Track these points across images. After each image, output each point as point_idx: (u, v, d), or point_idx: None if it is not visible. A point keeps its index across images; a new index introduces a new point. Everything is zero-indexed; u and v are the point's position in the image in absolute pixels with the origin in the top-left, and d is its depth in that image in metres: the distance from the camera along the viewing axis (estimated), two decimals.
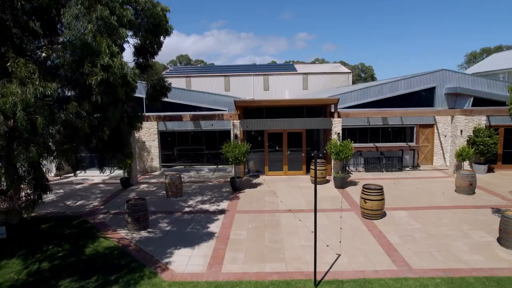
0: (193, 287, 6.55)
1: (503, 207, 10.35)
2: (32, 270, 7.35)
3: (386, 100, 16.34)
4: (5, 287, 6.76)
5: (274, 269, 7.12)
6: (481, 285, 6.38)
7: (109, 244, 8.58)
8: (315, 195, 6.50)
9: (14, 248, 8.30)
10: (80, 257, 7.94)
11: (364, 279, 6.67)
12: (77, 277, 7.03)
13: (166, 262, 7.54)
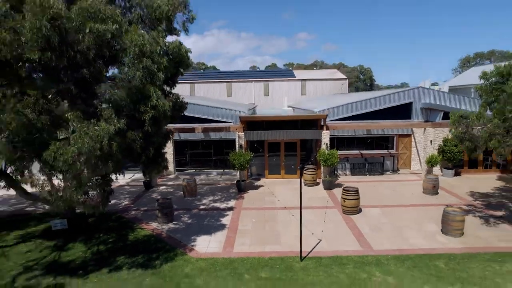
0: (213, 261, 9.15)
1: (455, 205, 12.95)
2: (93, 251, 9.96)
3: (370, 114, 18.91)
4: (78, 261, 9.37)
5: (272, 250, 9.72)
6: (417, 259, 8.99)
7: (146, 233, 11.19)
8: (300, 195, 9.10)
9: (75, 236, 10.90)
10: (126, 243, 10.55)
11: (336, 256, 9.27)
12: (127, 255, 9.64)
13: (192, 245, 10.15)
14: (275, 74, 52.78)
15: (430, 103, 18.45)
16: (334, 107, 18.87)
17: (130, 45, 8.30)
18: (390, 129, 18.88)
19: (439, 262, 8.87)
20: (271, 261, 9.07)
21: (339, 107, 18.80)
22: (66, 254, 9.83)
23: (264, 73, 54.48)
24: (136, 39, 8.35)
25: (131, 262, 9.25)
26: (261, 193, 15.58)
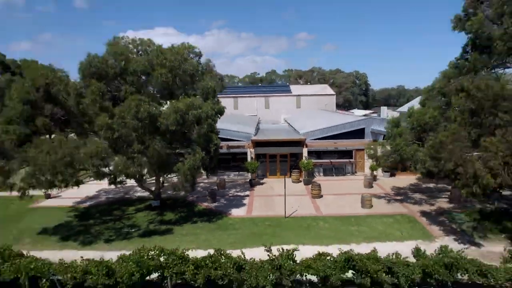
0: (241, 219, 18.58)
1: (375, 193, 22.30)
2: (178, 216, 19.39)
3: (337, 135, 28.27)
4: (173, 220, 18.78)
5: (270, 214, 19.13)
6: (343, 218, 18.43)
7: (203, 208, 20.64)
8: (284, 187, 18.57)
9: (164, 209, 20.33)
10: (194, 212, 20.00)
11: (302, 216, 18.71)
12: (197, 217, 19.06)
13: (229, 212, 19.58)
14: (274, 90, 61.98)
15: (376, 128, 27.84)
16: (312, 130, 28.23)
17: (203, 112, 17.73)
18: (350, 146, 28.26)
19: (353, 218, 18.29)
20: (270, 218, 18.48)
21: (315, 131, 28.15)
22: (165, 217, 19.26)
23: (265, 89, 63.88)
24: (207, 109, 17.79)
25: (200, 219, 18.68)
26: (264, 187, 25.00)
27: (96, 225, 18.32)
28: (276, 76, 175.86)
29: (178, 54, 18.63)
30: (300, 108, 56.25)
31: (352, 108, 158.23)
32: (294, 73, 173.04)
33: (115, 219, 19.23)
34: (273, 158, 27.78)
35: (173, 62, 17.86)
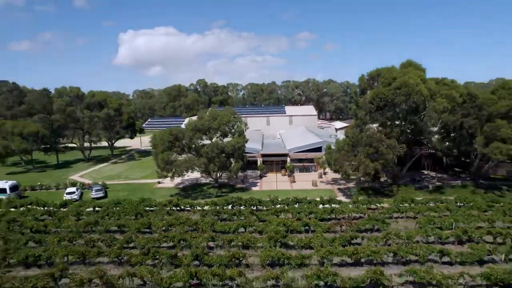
0: (256, 190, 41.54)
1: (321, 180, 45.15)
2: (228, 190, 42.32)
3: (307, 150, 51.03)
4: (226, 191, 41.71)
5: (270, 188, 42.06)
6: (300, 191, 41.43)
7: (238, 186, 43.62)
8: (276, 178, 41.62)
9: (220, 188, 43.25)
10: (234, 188, 42.97)
11: (284, 190, 41.69)
12: (236, 191, 41.98)
13: (251, 188, 42.56)
14: (273, 111, 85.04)
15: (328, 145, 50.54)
16: (293, 147, 51.01)
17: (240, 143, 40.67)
18: (312, 156, 51.00)
19: (306, 191, 41.13)
20: (270, 190, 41.27)
21: (294, 147, 50.92)
22: (222, 190, 42.09)
23: (266, 110, 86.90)
24: (241, 141, 40.73)
25: (238, 191, 41.51)
26: (267, 178, 47.94)
27: (192, 194, 41.19)
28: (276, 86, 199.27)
29: (227, 117, 41.48)
30: (292, 124, 79.23)
31: (342, 114, 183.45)
32: (292, 84, 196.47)
33: (200, 191, 42.11)
34: (271, 163, 50.64)
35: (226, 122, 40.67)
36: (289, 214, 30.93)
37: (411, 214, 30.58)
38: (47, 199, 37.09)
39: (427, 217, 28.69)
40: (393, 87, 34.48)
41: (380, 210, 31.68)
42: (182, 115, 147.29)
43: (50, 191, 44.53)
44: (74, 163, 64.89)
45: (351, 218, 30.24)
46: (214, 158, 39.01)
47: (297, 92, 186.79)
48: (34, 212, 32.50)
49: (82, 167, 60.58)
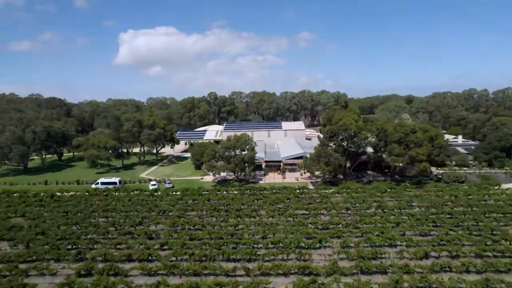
0: (262, 183, 69.58)
1: (302, 177, 73.16)
2: (243, 183, 70.39)
3: (295, 157, 78.95)
4: (242, 184, 69.81)
5: (271, 182, 70.11)
6: (288, 184, 69.61)
7: (251, 181, 71.67)
8: (274, 176, 69.87)
9: (239, 182, 71.35)
10: (248, 182, 71.08)
11: (277, 182, 69.84)
12: (249, 184, 70.07)
13: (259, 182, 70.60)
14: (272, 126, 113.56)
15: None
16: (285, 156, 79.02)
17: (252, 155, 68.85)
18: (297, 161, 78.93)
19: (293, 184, 69.14)
20: (271, 183, 69.26)
21: (286, 156, 78.92)
22: (240, 183, 70.11)
23: (267, 125, 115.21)
24: (253, 154, 68.89)
25: (250, 184, 69.43)
26: (268, 176, 75.94)
27: (224, 185, 69.09)
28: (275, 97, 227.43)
29: (244, 139, 69.46)
30: (286, 136, 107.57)
31: None
32: (289, 95, 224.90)
33: (228, 183, 70.01)
34: (271, 166, 78.57)
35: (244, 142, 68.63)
36: (279, 194, 58.77)
37: (344, 195, 58.37)
38: (138, 187, 65.07)
39: (351, 195, 56.55)
40: (338, 125, 62.34)
41: (329, 192, 59.57)
42: (196, 124, 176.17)
43: (135, 184, 72.49)
44: (133, 166, 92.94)
45: (311, 196, 58.08)
46: (238, 164, 66.92)
47: (293, 101, 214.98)
48: (142, 194, 60.47)
49: (141, 169, 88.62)
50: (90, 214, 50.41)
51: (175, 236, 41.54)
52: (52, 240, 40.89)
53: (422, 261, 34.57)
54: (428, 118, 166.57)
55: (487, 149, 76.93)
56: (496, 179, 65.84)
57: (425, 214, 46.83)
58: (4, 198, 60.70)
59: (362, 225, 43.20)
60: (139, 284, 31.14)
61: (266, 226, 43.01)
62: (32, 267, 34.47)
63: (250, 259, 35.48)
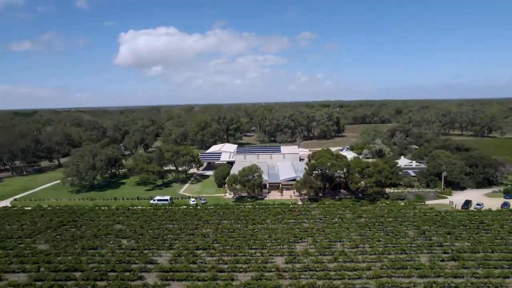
0: (267, 199, 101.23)
1: (295, 194, 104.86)
2: (252, 200, 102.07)
3: (290, 179, 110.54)
4: (249, 202, 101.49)
5: (273, 198, 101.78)
6: (284, 200, 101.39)
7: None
8: (275, 194, 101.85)
9: (249, 198, 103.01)
10: (257, 198, 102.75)
11: (276, 199, 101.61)
12: (253, 200, 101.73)
13: (264, 198, 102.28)
14: (273, 150, 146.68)
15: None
16: (283, 178, 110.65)
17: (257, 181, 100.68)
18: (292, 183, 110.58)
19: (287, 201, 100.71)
20: (273, 199, 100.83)
21: (283, 178, 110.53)
22: (254, 201, 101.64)
23: (269, 149, 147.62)
24: (261, 179, 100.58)
25: (258, 200, 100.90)
26: (271, 194, 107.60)
27: (241, 200, 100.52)
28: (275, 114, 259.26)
29: (254, 169, 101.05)
30: (284, 158, 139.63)
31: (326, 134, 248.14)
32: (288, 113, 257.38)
33: (244, 199, 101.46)
34: (273, 186, 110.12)
35: (255, 171, 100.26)
36: (278, 208, 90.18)
37: (321, 209, 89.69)
38: (183, 203, 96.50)
39: (324, 209, 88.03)
40: (317, 162, 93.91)
41: (311, 207, 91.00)
42: (208, 141, 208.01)
43: (179, 200, 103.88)
44: (170, 183, 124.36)
45: (299, 209, 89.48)
46: (250, 187, 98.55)
47: (291, 118, 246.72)
48: (188, 208, 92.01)
49: (177, 186, 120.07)
50: (161, 222, 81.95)
51: (219, 235, 73.08)
52: (152, 236, 72.50)
53: (354, 248, 65.96)
54: (405, 136, 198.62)
55: (425, 173, 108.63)
56: (425, 197, 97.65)
57: (365, 223, 78.42)
58: (96, 211, 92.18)
59: (325, 229, 74.77)
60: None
61: (271, 229, 74.66)
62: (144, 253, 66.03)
63: (263, 248, 66.91)
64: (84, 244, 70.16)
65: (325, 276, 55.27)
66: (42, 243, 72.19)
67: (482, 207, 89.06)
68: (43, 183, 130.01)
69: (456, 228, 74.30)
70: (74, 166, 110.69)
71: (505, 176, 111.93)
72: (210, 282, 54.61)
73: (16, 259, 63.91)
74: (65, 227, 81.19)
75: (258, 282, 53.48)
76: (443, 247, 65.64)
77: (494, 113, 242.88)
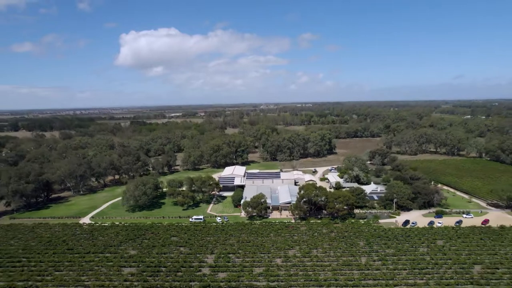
0: (270, 218, 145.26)
1: (292, 216, 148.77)
2: (260, 219, 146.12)
3: (286, 203, 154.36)
4: (258, 220, 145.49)
5: (275, 217, 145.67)
6: (284, 220, 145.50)
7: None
8: (276, 214, 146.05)
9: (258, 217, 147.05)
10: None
11: (276, 218, 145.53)
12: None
13: (268, 217, 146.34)
14: (274, 176, 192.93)
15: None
16: (282, 202, 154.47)
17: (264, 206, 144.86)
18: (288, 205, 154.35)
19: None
20: (275, 218, 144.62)
21: (282, 202, 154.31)
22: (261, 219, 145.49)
23: (271, 175, 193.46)
24: (267, 203, 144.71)
25: (264, 219, 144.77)
26: (273, 214, 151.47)
27: (252, 219, 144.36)
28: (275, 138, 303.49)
29: (262, 196, 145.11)
30: (283, 183, 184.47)
31: (319, 154, 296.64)
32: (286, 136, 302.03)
33: (254, 218, 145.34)
34: (275, 207, 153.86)
35: (262, 197, 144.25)
36: (278, 225, 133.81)
37: (306, 226, 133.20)
38: (212, 221, 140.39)
39: (309, 226, 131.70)
40: (305, 193, 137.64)
41: (300, 224, 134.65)
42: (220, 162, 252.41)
43: (208, 218, 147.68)
44: (199, 203, 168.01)
45: (292, 226, 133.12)
46: (260, 209, 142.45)
47: (290, 140, 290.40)
48: (216, 225, 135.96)
49: (204, 206, 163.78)
50: (202, 235, 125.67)
51: (241, 245, 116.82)
52: (198, 245, 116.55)
53: (324, 253, 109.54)
54: (382, 159, 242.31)
55: (383, 198, 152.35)
56: (379, 217, 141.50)
57: (334, 236, 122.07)
58: (155, 227, 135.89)
59: (308, 241, 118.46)
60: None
61: (273, 241, 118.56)
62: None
63: (268, 253, 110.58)
64: (158, 250, 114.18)
65: (304, 269, 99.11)
66: (130, 249, 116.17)
67: (416, 225, 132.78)
68: (103, 202, 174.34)
69: (390, 240, 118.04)
70: (131, 193, 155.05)
71: (440, 200, 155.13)
72: (239, 272, 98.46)
73: (122, 260, 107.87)
74: (138, 239, 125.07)
75: (266, 273, 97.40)
76: (377, 253, 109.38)
77: (461, 136, 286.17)
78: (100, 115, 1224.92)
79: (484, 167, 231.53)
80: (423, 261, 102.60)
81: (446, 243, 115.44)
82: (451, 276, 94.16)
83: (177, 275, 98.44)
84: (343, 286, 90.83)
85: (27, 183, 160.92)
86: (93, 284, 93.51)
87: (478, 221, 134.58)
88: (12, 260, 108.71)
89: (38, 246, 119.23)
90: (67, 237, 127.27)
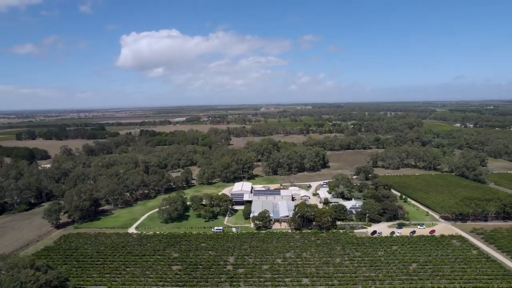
0: (273, 228, 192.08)
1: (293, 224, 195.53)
2: (265, 229, 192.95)
3: (284, 216, 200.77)
4: (263, 230, 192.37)
5: (276, 227, 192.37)
6: (284, 230, 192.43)
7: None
8: (277, 225, 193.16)
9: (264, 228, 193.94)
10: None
11: (277, 228, 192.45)
12: None
13: (271, 228, 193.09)
14: (276, 193, 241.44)
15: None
16: (281, 215, 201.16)
17: (268, 219, 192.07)
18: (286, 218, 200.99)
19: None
20: (276, 228, 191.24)
21: (282, 215, 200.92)
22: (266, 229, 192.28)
23: (273, 192, 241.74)
24: (270, 217, 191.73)
25: (268, 229, 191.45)
26: (275, 225, 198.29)
27: (261, 230, 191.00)
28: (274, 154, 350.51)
29: (266, 212, 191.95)
30: (283, 199, 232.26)
31: (314, 168, 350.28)
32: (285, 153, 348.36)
33: (260, 228, 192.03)
34: (276, 220, 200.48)
35: (266, 212, 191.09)
36: (278, 234, 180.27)
37: (299, 234, 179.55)
38: (229, 231, 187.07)
39: (302, 235, 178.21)
40: (299, 209, 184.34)
41: (295, 233, 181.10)
42: (230, 177, 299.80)
43: (226, 228, 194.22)
44: (216, 215, 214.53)
45: (289, 235, 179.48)
46: (266, 221, 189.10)
47: (289, 156, 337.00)
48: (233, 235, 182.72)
49: (221, 219, 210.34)
50: (223, 243, 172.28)
51: (253, 249, 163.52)
52: (221, 249, 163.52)
53: (310, 256, 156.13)
54: (364, 176, 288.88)
55: (359, 213, 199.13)
56: (355, 228, 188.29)
57: (319, 243, 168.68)
58: (188, 236, 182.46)
59: (299, 246, 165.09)
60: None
61: (275, 246, 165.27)
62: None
63: (272, 255, 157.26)
64: (193, 253, 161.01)
65: (296, 266, 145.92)
66: (173, 253, 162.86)
67: (381, 234, 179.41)
68: (140, 215, 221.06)
69: (359, 245, 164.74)
70: (166, 208, 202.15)
71: (403, 214, 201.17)
72: (252, 268, 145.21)
73: (169, 260, 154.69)
74: (177, 245, 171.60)
75: (271, 269, 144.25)
76: (349, 255, 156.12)
77: (437, 153, 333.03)
78: (107, 120, 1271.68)
79: (450, 182, 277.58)
80: (379, 261, 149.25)
81: (399, 248, 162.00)
82: (394, 270, 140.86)
83: (210, 270, 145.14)
84: (321, 277, 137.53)
85: (84, 200, 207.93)
86: (155, 277, 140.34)
87: (427, 231, 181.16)
88: (93, 260, 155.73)
89: (106, 250, 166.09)
90: (124, 243, 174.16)
